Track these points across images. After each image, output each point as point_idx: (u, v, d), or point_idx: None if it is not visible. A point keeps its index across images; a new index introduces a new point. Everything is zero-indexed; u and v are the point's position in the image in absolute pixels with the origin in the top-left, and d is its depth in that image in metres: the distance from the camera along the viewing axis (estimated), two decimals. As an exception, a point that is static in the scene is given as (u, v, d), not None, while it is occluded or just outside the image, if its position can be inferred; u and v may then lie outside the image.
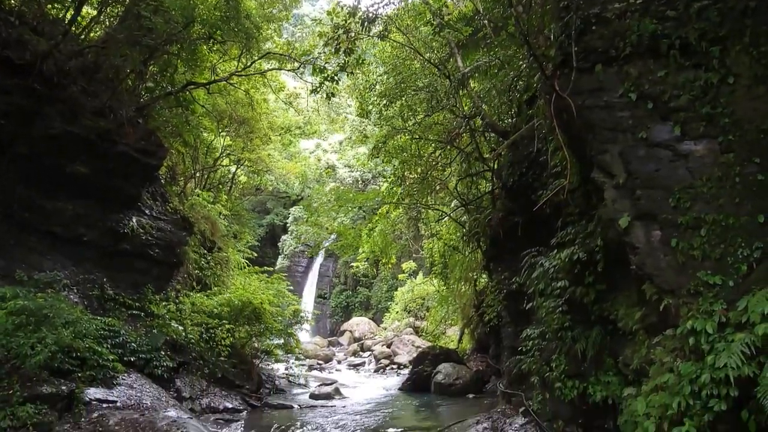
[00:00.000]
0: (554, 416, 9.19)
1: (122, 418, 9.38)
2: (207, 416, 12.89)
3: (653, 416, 6.04)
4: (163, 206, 15.02)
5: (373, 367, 27.79)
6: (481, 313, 17.09)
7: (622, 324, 7.54)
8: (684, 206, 6.19)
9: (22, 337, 8.43)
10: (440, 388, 17.24)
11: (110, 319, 12.37)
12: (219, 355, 15.33)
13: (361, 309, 43.49)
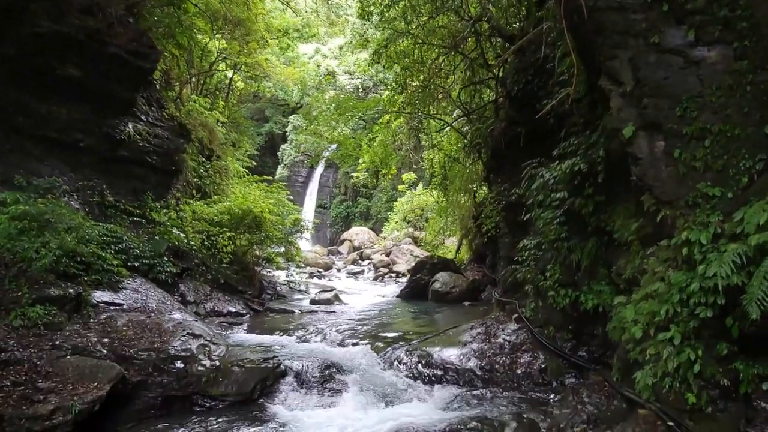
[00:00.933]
0: (546, 323, 9.55)
1: (130, 320, 9.74)
2: (211, 319, 13.41)
3: (641, 322, 6.25)
4: (159, 112, 14.72)
5: (372, 275, 28.59)
6: (480, 224, 17.29)
7: (618, 235, 7.62)
8: (690, 116, 6.03)
9: (26, 242, 8.55)
10: (437, 296, 17.82)
11: (112, 225, 12.51)
12: (221, 261, 15.69)
13: (360, 219, 44.06)
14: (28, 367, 7.21)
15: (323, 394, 8.94)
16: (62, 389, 6.99)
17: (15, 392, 6.64)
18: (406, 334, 11.85)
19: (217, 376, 8.75)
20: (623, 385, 7.17)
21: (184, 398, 8.51)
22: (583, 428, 6.93)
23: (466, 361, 9.57)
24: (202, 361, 8.95)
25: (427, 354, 9.90)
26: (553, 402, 7.96)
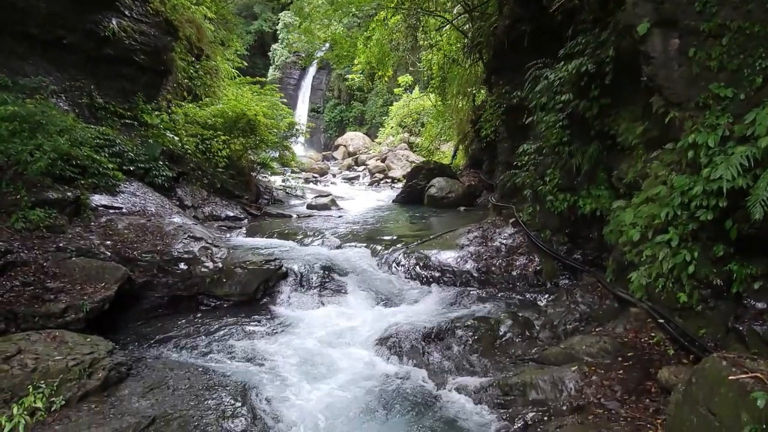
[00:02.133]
0: (542, 227, 9.68)
1: (130, 223, 9.78)
2: (210, 223, 13.50)
3: (639, 225, 6.33)
4: (143, 7, 13.89)
5: (367, 180, 28.61)
6: (478, 129, 17.05)
7: (622, 139, 7.52)
8: (710, 11, 5.73)
9: (19, 144, 8.35)
10: (433, 201, 17.95)
11: (104, 128, 12.22)
12: (216, 166, 15.55)
13: (355, 124, 43.37)
14: (35, 268, 7.31)
15: (323, 295, 9.22)
16: (71, 289, 7.15)
17: (25, 292, 6.78)
18: (403, 237, 12.04)
19: (221, 277, 8.96)
20: (616, 286, 7.41)
21: (190, 298, 8.76)
22: (575, 325, 7.25)
23: (462, 263, 9.80)
24: (205, 263, 9.12)
25: (424, 256, 10.11)
26: (547, 302, 8.25)
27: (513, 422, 5.19)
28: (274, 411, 5.54)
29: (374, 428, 5.34)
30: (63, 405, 4.97)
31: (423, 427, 5.32)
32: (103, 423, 4.85)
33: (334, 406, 5.74)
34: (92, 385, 5.26)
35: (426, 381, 6.29)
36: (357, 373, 6.51)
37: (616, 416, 4.55)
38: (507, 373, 6.14)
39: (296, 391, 6.01)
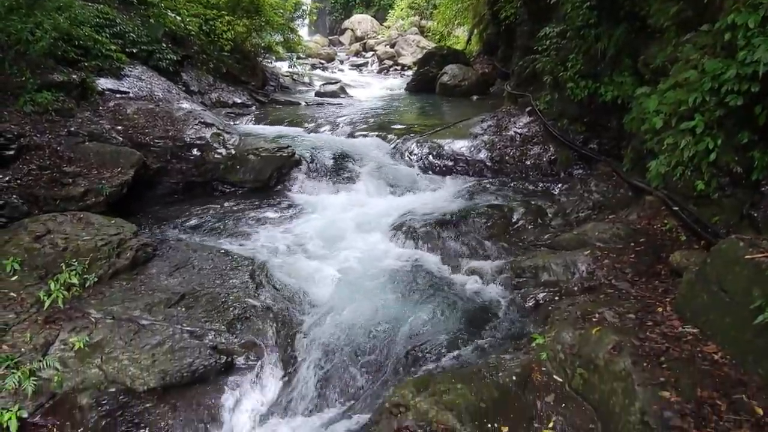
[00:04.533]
0: (560, 115, 9.48)
1: (138, 108, 9.63)
2: (218, 110, 13.28)
3: (663, 112, 6.16)
4: None
5: (376, 67, 27.70)
6: (496, 11, 16.13)
7: (653, 20, 7.11)
8: None
9: (18, 22, 7.99)
10: (445, 89, 17.46)
11: (102, 5, 11.64)
12: (221, 49, 15.00)
13: (362, 6, 41.08)
14: (49, 152, 7.31)
15: (336, 183, 9.28)
16: (88, 174, 7.19)
17: (43, 176, 6.83)
18: (415, 126, 11.88)
19: (234, 163, 8.97)
20: (632, 175, 7.40)
21: (205, 184, 8.85)
22: (588, 213, 7.33)
23: (476, 152, 9.74)
24: (218, 149, 9.09)
25: (437, 146, 10.03)
26: (560, 191, 8.30)
27: (525, 301, 5.43)
28: (293, 287, 5.79)
29: (388, 306, 5.60)
30: (96, 282, 5.19)
31: (436, 305, 5.57)
32: (136, 298, 5.10)
33: (349, 284, 5.98)
34: (121, 264, 5.47)
35: (440, 264, 6.50)
36: (371, 255, 6.72)
37: (626, 295, 4.74)
38: (520, 257, 6.31)
39: (312, 269, 6.24)
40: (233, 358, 4.78)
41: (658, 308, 4.30)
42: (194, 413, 4.63)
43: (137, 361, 4.54)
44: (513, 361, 4.10)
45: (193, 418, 4.59)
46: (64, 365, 4.51)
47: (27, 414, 4.39)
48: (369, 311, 5.45)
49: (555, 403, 3.63)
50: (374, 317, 5.35)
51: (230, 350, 4.81)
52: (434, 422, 3.48)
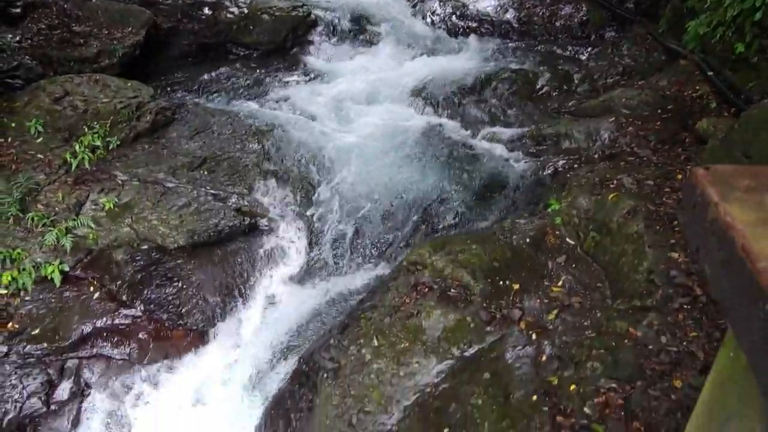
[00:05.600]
0: (595, -32, 8.71)
1: (143, -38, 9.05)
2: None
3: (711, -35, 5.65)
4: None
5: None
6: None
7: None
8: None
9: None
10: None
11: None
12: None
13: None
14: (56, 10, 7.03)
15: (355, 45, 8.90)
16: (98, 34, 6.98)
17: (53, 36, 6.65)
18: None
19: (247, 23, 8.58)
20: (668, 38, 6.95)
21: (218, 46, 8.55)
22: (617, 79, 7.03)
23: (502, 12, 9.15)
24: (230, 8, 8.65)
25: (461, 5, 9.42)
26: (589, 55, 7.89)
27: (544, 169, 5.42)
28: (312, 153, 5.83)
29: (406, 171, 5.64)
30: (119, 145, 5.28)
31: (454, 172, 5.61)
32: (159, 161, 5.21)
33: (368, 149, 5.99)
34: (142, 127, 5.50)
35: (459, 131, 6.42)
36: (390, 121, 6.63)
37: (647, 162, 4.70)
38: (542, 124, 6.19)
39: (331, 134, 6.22)
40: (256, 220, 4.97)
41: (677, 175, 4.28)
42: (222, 270, 4.94)
43: (166, 221, 4.75)
44: (528, 225, 4.21)
45: (222, 275, 4.91)
46: (97, 224, 4.74)
47: (68, 267, 4.73)
48: (387, 177, 5.52)
49: (566, 263, 3.77)
50: (392, 182, 5.43)
51: (253, 212, 4.99)
52: (449, 278, 3.67)
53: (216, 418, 4.41)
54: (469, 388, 3.23)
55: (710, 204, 0.62)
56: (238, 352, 4.62)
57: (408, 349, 3.57)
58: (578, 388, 2.80)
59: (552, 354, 3.11)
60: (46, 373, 4.77)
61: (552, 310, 3.42)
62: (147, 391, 4.80)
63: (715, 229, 0.61)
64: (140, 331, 4.88)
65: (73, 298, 4.80)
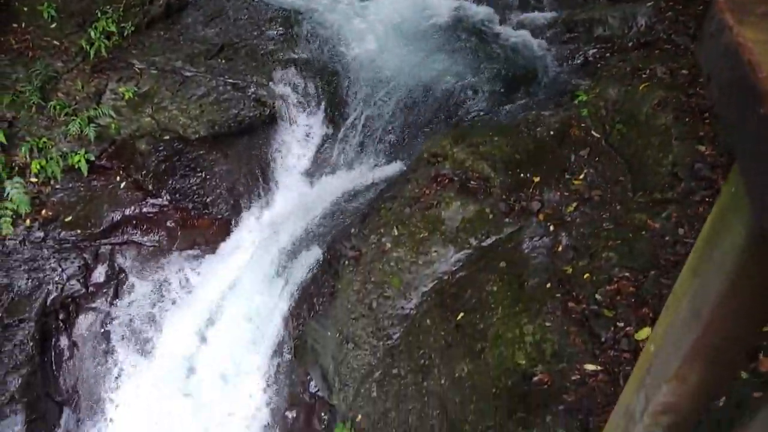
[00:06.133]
0: None
1: None
2: None
3: None
4: None
5: None
6: None
7: None
8: None
9: None
10: None
11: None
12: None
13: None
14: None
15: None
16: None
17: None
18: None
19: None
20: None
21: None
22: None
23: None
24: None
25: None
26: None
27: (574, 58, 5.17)
28: (333, 40, 5.62)
29: (429, 59, 5.43)
30: (133, 31, 5.14)
31: (480, 60, 5.38)
32: (175, 49, 5.09)
33: (391, 36, 5.74)
34: (155, 12, 5.32)
35: (487, 16, 6.08)
36: (414, 6, 6.28)
37: (684, 51, 4.43)
38: (575, 9, 5.81)
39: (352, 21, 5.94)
40: (276, 110, 4.93)
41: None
42: (244, 161, 4.99)
43: (186, 112, 4.74)
44: (552, 117, 4.10)
45: (244, 165, 4.96)
46: (118, 113, 4.76)
47: (93, 157, 4.82)
48: (410, 65, 5.33)
49: (589, 156, 3.71)
50: (415, 71, 5.26)
51: (273, 102, 4.93)
52: (469, 170, 3.66)
53: (243, 304, 4.68)
54: (485, 276, 3.33)
55: (725, 28, 0.67)
56: (262, 240, 4.79)
57: (427, 238, 3.66)
58: (591, 277, 2.88)
59: (568, 245, 3.16)
60: (82, 258, 5.04)
61: (571, 202, 3.43)
62: (178, 277, 5.08)
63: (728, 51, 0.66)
64: (168, 220, 5.06)
65: (101, 187, 4.94)
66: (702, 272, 0.81)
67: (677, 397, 0.85)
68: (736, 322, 0.75)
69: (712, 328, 0.77)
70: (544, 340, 2.74)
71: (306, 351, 4.24)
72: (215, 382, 4.66)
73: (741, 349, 0.77)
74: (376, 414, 3.61)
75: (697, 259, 0.83)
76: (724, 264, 0.74)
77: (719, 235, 0.77)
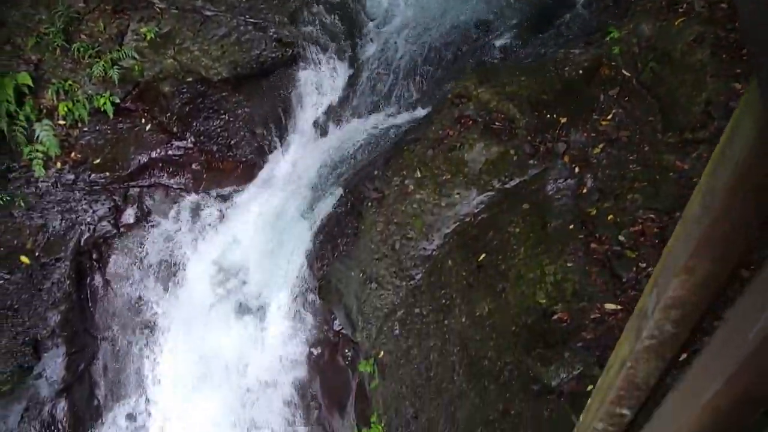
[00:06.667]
0: None
1: None
2: None
3: None
4: None
5: None
6: None
7: None
8: None
9: None
10: None
11: None
12: None
13: None
14: None
15: None
16: None
17: None
18: None
19: None
20: None
21: None
22: None
23: None
24: None
25: None
26: None
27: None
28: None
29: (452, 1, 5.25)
30: (152, -31, 5.04)
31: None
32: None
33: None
34: (174, -50, 5.20)
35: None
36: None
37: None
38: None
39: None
40: (298, 51, 4.86)
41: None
42: (267, 103, 4.97)
43: (208, 53, 4.70)
44: (582, 56, 3.96)
45: (267, 107, 4.95)
46: (140, 55, 4.75)
47: (118, 99, 4.85)
48: (435, 4, 5.17)
49: (618, 96, 3.61)
50: (441, 11, 5.10)
51: (294, 43, 4.85)
52: (494, 111, 3.60)
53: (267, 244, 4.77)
54: (508, 217, 3.33)
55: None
56: (286, 183, 4.83)
57: (449, 180, 3.65)
58: (615, 218, 2.86)
59: (593, 186, 3.12)
60: (112, 200, 5.17)
61: (598, 143, 3.36)
62: (203, 218, 5.19)
63: None
64: (193, 162, 5.13)
65: (126, 130, 5.00)
66: (714, 172, 0.85)
67: (685, 290, 0.89)
68: (742, 212, 0.78)
69: (719, 220, 0.80)
70: (565, 279, 2.76)
71: (330, 291, 4.35)
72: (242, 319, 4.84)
73: (745, 241, 0.80)
74: (399, 351, 3.72)
75: (712, 162, 0.85)
76: (733, 158, 0.77)
77: (733, 136, 0.80)
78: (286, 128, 4.85)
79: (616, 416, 1.09)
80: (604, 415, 1.12)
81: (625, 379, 1.03)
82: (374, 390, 3.85)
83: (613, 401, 1.08)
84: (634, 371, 1.01)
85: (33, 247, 4.95)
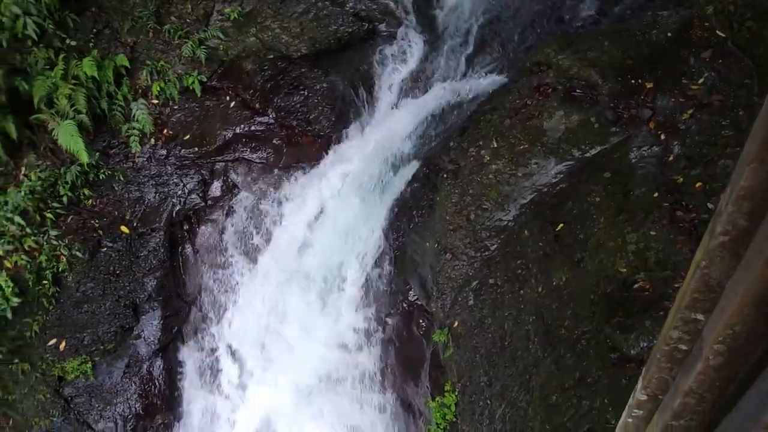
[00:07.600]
0: None
1: None
2: None
3: None
4: None
5: None
6: None
7: None
8: None
9: None
10: None
11: None
12: None
13: None
14: None
15: None
16: None
17: None
18: None
19: None
20: None
21: None
22: None
23: None
24: None
25: None
26: None
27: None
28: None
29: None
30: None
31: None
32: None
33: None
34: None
35: None
36: None
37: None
38: None
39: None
40: (374, 25, 4.91)
41: None
42: (344, 78, 5.07)
43: (287, 30, 4.85)
44: (671, 17, 3.75)
45: (344, 82, 5.05)
46: (225, 34, 4.97)
47: (205, 78, 5.12)
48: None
49: (711, 58, 3.39)
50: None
51: (371, 17, 4.90)
52: (575, 79, 3.50)
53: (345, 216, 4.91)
54: (588, 187, 3.26)
55: None
56: (364, 156, 4.93)
57: (527, 150, 3.60)
58: (704, 186, 2.73)
59: (681, 153, 2.99)
60: (200, 174, 5.49)
61: (687, 109, 3.20)
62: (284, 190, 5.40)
63: None
64: (274, 137, 5.33)
65: (213, 107, 5.27)
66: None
67: (756, 179, 0.88)
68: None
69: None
70: (648, 248, 2.68)
71: (406, 261, 4.43)
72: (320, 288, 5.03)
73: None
74: (473, 321, 3.75)
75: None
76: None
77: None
78: (363, 102, 4.94)
79: (690, 322, 1.07)
80: (679, 322, 1.09)
81: (699, 280, 1.01)
82: (448, 359, 3.91)
83: (688, 305, 1.06)
84: (708, 271, 0.99)
85: (131, 217, 5.36)
